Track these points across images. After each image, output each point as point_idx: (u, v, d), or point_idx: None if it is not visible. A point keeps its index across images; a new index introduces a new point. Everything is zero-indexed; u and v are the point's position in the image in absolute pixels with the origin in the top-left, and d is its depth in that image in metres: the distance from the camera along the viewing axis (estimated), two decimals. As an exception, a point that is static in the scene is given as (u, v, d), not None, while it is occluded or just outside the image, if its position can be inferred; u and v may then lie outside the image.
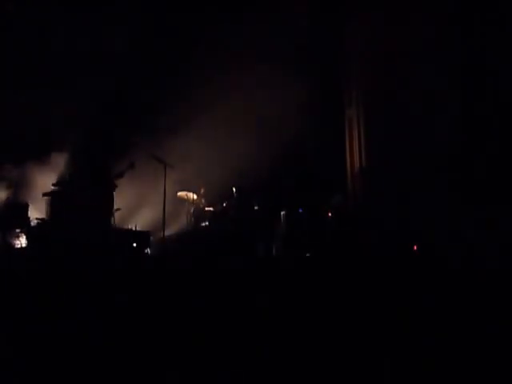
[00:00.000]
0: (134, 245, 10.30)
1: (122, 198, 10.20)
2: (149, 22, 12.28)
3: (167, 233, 10.46)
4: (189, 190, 12.27)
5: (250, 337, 4.37)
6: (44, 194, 10.39)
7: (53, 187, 10.33)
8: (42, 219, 10.16)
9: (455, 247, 8.72)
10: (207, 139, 11.85)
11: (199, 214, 12.29)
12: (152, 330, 4.57)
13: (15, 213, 10.20)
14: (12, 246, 9.55)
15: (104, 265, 8.27)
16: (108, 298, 5.40)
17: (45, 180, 10.77)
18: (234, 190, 11.86)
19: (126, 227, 11.11)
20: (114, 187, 9.70)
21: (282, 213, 10.90)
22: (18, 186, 11.03)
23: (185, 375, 3.75)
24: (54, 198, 10.12)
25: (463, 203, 9.44)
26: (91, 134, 11.23)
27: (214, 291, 5.80)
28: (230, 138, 11.84)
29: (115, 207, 9.88)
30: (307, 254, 10.12)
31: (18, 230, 9.87)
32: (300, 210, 11.05)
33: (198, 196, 12.31)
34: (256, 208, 10.76)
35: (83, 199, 10.08)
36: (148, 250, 10.47)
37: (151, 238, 10.88)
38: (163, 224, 9.79)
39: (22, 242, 9.74)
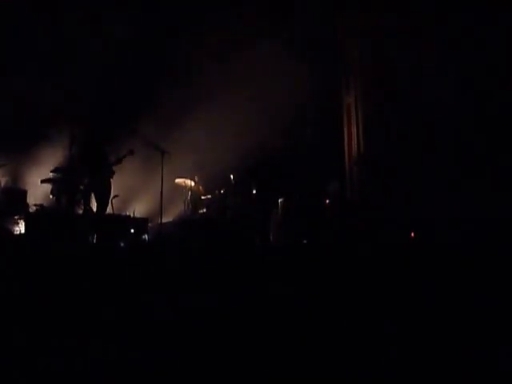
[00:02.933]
0: (132, 231, 10.42)
1: (119, 185, 10.22)
2: (149, 7, 12.27)
3: (165, 219, 10.50)
4: (186, 177, 12.34)
5: (248, 326, 4.37)
6: (42, 181, 10.43)
7: (51, 174, 10.37)
8: (40, 205, 10.21)
9: (454, 234, 8.74)
10: (205, 126, 11.86)
11: (197, 201, 12.36)
12: (149, 317, 4.58)
13: (14, 199, 10.24)
14: (11, 233, 9.58)
15: (103, 251, 8.34)
16: (107, 284, 5.43)
17: (43, 166, 10.82)
18: (231, 177, 11.89)
19: (123, 214, 11.20)
20: (112, 174, 9.74)
21: (280, 200, 10.95)
22: (17, 173, 11.06)
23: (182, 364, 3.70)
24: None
25: (463, 190, 9.45)
26: (89, 120, 11.24)
27: (211, 278, 5.82)
28: (228, 125, 11.83)
29: (113, 194, 9.91)
30: (304, 241, 10.23)
31: (16, 217, 9.91)
32: (298, 196, 11.11)
33: (195, 183, 12.37)
34: (253, 195, 10.76)
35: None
36: (146, 237, 10.60)
37: (149, 224, 11.02)
38: (161, 211, 9.83)
39: (20, 228, 9.78)
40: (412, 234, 9.55)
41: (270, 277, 5.93)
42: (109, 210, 9.86)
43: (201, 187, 12.48)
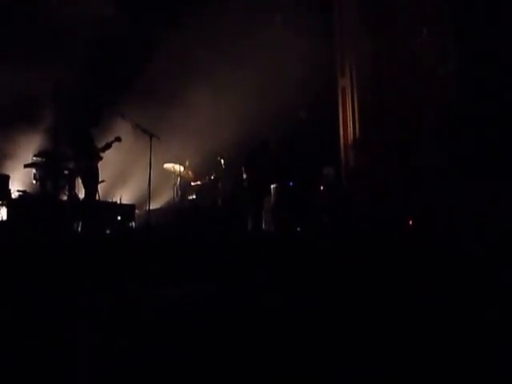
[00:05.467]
0: (119, 218, 10.41)
1: (106, 170, 10.11)
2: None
3: (153, 206, 10.44)
4: (175, 162, 12.28)
5: (239, 318, 4.30)
6: (25, 166, 10.34)
7: (34, 158, 10.28)
8: (23, 191, 10.14)
9: (451, 222, 8.73)
10: (195, 110, 11.81)
11: (186, 187, 12.35)
12: (136, 308, 4.54)
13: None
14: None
15: (88, 237, 8.28)
16: (92, 274, 5.42)
17: (26, 151, 10.73)
18: (222, 161, 11.90)
19: (110, 200, 11.15)
20: (98, 159, 9.67)
21: (273, 186, 10.92)
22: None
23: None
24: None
25: (462, 176, 9.43)
26: (75, 103, 11.15)
27: (200, 268, 5.85)
28: (219, 108, 11.78)
29: (99, 179, 9.82)
30: (298, 229, 10.26)
31: (-1, 202, 9.85)
32: (291, 184, 11.07)
33: (184, 168, 12.32)
34: (245, 181, 10.75)
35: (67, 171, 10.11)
36: (133, 224, 10.61)
37: (136, 211, 11.04)
38: (149, 197, 9.74)
39: (2, 215, 9.71)
40: (410, 222, 9.56)
41: (262, 266, 6.03)
42: (95, 196, 9.74)
43: (190, 172, 12.47)
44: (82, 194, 9.74)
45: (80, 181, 9.75)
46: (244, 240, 8.27)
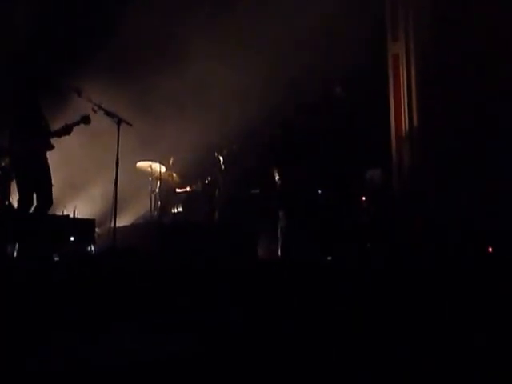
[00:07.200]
0: (72, 238, 10.37)
1: (54, 170, 9.80)
2: None
3: (120, 222, 10.37)
4: (154, 160, 12.15)
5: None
6: None
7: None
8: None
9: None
10: (182, 84, 11.80)
11: (169, 196, 12.46)
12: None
13: None
14: None
15: (27, 266, 8.23)
16: (34, 318, 5.40)
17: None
18: (220, 159, 12.00)
19: (59, 213, 11.08)
20: (48, 146, 9.33)
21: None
22: None
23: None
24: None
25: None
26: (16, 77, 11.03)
27: (185, 312, 5.83)
28: (217, 82, 11.66)
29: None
30: (329, 258, 10.23)
31: None
32: (319, 192, 10.97)
33: (167, 169, 12.23)
34: (252, 187, 10.55)
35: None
36: (92, 247, 10.54)
37: (96, 229, 11.06)
38: (114, 209, 9.57)
39: None
40: (490, 249, 9.39)
41: (276, 313, 6.06)
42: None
43: (175, 175, 12.51)
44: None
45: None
46: (251, 272, 8.18)
